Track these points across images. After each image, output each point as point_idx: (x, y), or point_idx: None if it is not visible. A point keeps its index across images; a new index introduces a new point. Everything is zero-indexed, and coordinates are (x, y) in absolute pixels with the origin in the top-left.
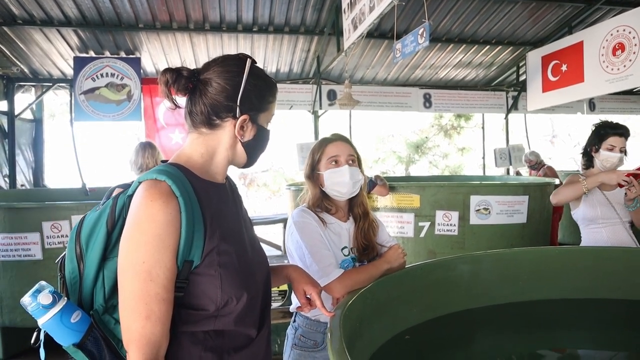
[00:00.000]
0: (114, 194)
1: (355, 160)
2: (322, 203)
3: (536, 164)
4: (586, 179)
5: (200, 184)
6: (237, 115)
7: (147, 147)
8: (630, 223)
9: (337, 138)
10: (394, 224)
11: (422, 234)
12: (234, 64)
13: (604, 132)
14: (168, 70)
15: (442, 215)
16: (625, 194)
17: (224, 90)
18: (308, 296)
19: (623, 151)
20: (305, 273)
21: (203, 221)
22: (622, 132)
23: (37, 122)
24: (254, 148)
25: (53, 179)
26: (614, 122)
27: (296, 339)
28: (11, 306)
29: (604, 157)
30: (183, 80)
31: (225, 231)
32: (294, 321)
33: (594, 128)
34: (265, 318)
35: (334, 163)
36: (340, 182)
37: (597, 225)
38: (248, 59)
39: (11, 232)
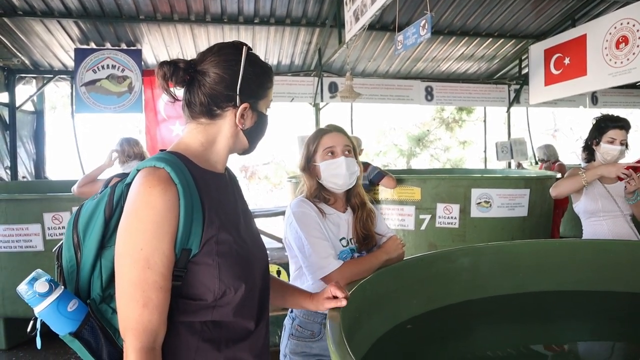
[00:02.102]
0: (112, 183)
1: (351, 150)
2: (320, 194)
3: (546, 161)
4: (585, 171)
5: (199, 173)
6: (238, 104)
7: (132, 140)
8: (631, 216)
9: (333, 129)
10: (395, 216)
11: (423, 227)
12: (230, 52)
13: (604, 125)
14: (165, 63)
15: (443, 208)
16: (625, 187)
17: (222, 80)
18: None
19: (624, 144)
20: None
21: (202, 209)
22: (623, 124)
23: (39, 113)
24: (254, 135)
25: (54, 171)
26: (615, 115)
27: (293, 329)
28: (13, 297)
29: (605, 150)
30: (180, 72)
31: (224, 221)
32: (291, 311)
33: (594, 121)
34: (264, 310)
35: (330, 154)
36: (336, 174)
37: (598, 218)
38: (244, 47)
39: (12, 223)
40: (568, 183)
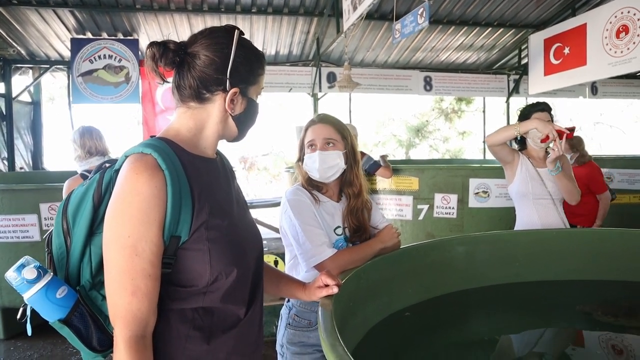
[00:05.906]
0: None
1: (334, 142)
2: (312, 182)
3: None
4: (519, 123)
5: (188, 158)
6: (227, 89)
7: (95, 131)
8: (561, 201)
9: (318, 120)
10: (392, 206)
11: (421, 217)
12: (221, 35)
13: (527, 112)
14: (154, 43)
15: (440, 198)
16: (548, 153)
17: (212, 63)
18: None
19: None
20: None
21: (191, 196)
22: (543, 107)
23: (36, 104)
24: (244, 122)
25: (52, 162)
26: (535, 101)
27: (290, 318)
28: (10, 287)
29: (533, 134)
30: (170, 53)
31: (215, 206)
32: (288, 301)
33: (519, 113)
34: (256, 297)
35: (311, 148)
36: (312, 168)
37: (528, 201)
38: (236, 31)
39: (9, 213)
40: (502, 131)
